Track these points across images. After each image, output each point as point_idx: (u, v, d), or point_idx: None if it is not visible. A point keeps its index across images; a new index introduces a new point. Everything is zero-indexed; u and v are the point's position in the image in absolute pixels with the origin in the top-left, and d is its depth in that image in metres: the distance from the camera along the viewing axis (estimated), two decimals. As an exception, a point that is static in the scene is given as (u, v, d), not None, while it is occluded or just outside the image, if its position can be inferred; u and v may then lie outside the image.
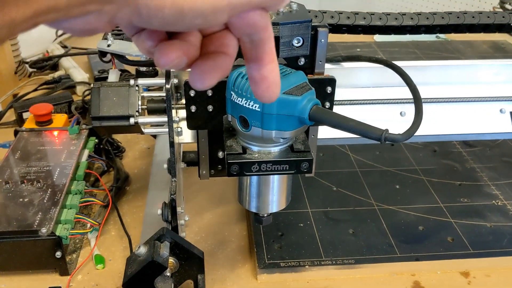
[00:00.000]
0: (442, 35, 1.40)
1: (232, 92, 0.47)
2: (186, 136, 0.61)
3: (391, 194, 0.75)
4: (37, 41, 1.24)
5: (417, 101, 0.46)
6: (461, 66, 0.65)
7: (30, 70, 1.11)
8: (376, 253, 0.64)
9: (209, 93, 0.54)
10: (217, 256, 0.64)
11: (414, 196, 0.75)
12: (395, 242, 0.65)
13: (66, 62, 1.08)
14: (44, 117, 0.82)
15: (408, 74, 0.49)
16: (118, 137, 0.86)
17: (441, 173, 0.80)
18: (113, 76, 0.66)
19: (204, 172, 0.61)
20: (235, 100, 0.47)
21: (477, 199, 0.74)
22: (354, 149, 0.86)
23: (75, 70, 1.05)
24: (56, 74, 1.06)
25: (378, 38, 1.37)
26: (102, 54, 0.60)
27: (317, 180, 0.77)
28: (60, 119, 0.84)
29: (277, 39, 0.50)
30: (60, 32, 1.33)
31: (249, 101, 0.46)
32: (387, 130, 0.42)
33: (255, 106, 0.46)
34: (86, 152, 0.75)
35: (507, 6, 1.28)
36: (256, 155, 0.49)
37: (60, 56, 1.10)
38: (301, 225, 0.68)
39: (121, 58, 0.61)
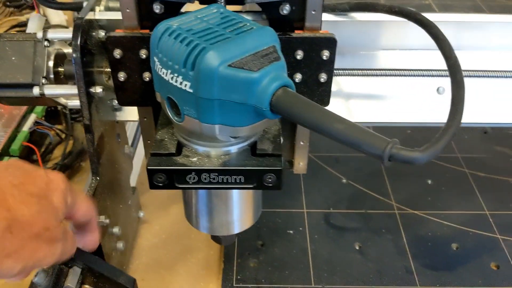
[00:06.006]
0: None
1: (155, 58, 0.30)
2: (131, 113, 0.45)
3: (419, 193, 0.58)
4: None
5: (457, 86, 0.27)
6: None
7: (10, 9, 0.96)
8: (388, 281, 0.48)
9: (143, 55, 0.36)
10: (176, 271, 0.50)
11: (451, 198, 0.58)
12: (416, 266, 0.49)
13: (46, 0, 0.92)
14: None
15: (446, 38, 0.30)
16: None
17: (492, 166, 0.63)
18: (33, 24, 0.49)
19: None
20: (160, 73, 0.30)
21: (539, 207, 0.55)
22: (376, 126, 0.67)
23: (53, 10, 0.88)
24: (32, 14, 0.90)
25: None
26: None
27: (323, 167, 0.60)
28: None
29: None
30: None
31: (176, 75, 0.28)
32: (395, 141, 0.24)
33: (185, 85, 0.28)
34: (32, 118, 0.60)
35: None
36: (195, 159, 0.32)
37: (38, -7, 0.93)
38: (291, 232, 0.52)
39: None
